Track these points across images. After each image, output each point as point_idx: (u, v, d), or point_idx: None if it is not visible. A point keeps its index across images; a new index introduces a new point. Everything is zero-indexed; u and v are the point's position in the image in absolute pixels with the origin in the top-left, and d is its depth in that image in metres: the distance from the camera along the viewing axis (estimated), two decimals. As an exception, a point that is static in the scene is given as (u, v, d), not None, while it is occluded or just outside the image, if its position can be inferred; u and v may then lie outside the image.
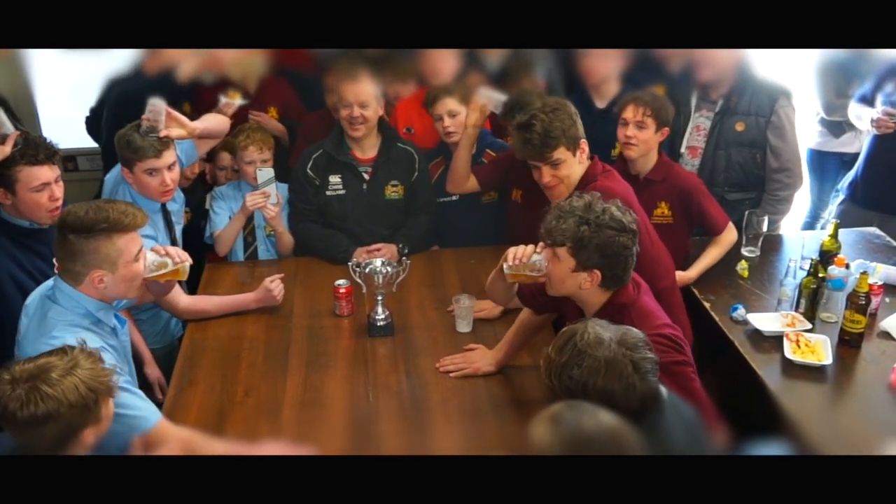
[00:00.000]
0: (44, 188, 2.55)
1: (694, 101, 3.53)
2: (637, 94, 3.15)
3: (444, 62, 3.56)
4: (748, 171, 3.47)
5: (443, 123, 3.35)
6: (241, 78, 3.58)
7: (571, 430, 1.64)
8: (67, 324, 2.16)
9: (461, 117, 3.31)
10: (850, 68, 3.82)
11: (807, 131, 4.25)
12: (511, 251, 2.34)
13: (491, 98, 3.13)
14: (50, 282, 2.28)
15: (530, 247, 2.32)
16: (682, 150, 3.53)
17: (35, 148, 2.53)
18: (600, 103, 3.54)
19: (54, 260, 2.32)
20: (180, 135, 2.91)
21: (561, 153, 2.70)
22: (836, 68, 3.92)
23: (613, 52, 3.45)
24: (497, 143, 3.49)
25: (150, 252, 2.35)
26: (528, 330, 2.63)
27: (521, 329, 2.64)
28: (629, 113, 3.09)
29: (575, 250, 2.18)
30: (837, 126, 4.15)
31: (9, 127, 2.55)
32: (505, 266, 2.34)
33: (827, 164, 4.29)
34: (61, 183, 2.61)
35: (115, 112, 3.57)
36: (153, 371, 2.96)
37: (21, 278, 2.57)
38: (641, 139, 3.05)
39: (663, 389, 1.96)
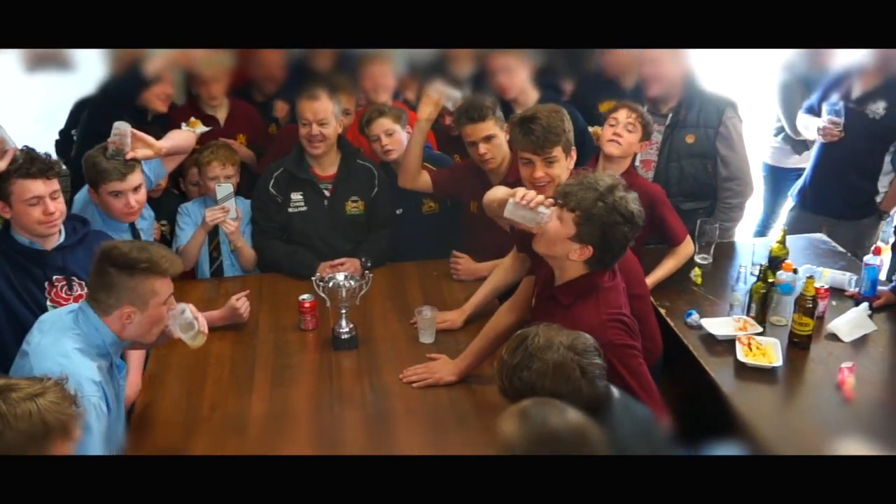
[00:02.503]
0: (37, 202, 2.56)
1: None
2: (627, 101, 3.25)
3: (385, 77, 3.69)
4: (700, 181, 3.57)
5: (381, 143, 3.43)
6: (210, 74, 3.68)
7: (538, 425, 1.68)
8: (80, 349, 2.19)
9: (398, 135, 3.40)
10: (814, 87, 3.92)
11: (761, 147, 4.37)
12: (522, 190, 2.35)
13: (444, 93, 3.18)
14: (73, 305, 2.32)
15: (542, 196, 2.33)
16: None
17: (30, 162, 2.55)
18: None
19: (46, 284, 2.40)
20: (147, 155, 2.93)
21: (558, 152, 2.74)
22: (801, 88, 4.02)
23: (520, 65, 3.56)
24: (434, 154, 3.57)
25: (188, 308, 2.36)
26: (493, 341, 2.66)
27: (486, 340, 2.68)
28: (622, 115, 3.17)
29: (581, 221, 2.22)
30: (801, 144, 4.23)
31: (10, 143, 2.57)
32: (511, 201, 2.33)
33: (784, 179, 4.36)
34: (60, 199, 2.62)
35: (85, 131, 3.60)
36: None
37: (9, 297, 2.59)
38: (627, 141, 3.12)
39: (615, 391, 2.03)
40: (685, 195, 3.57)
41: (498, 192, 2.61)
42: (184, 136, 3.23)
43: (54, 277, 2.66)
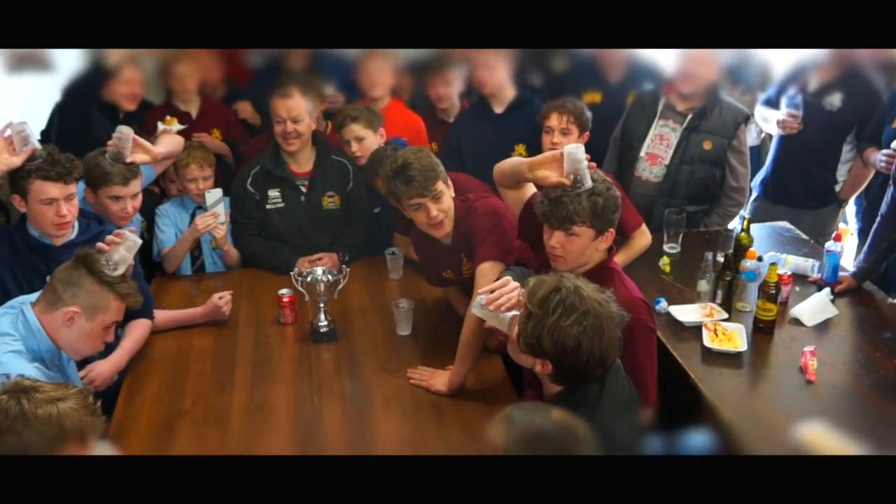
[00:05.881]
0: (51, 203, 2.59)
1: (659, 109, 3.63)
2: (556, 102, 3.29)
3: (382, 74, 3.76)
4: (706, 186, 3.60)
5: (350, 148, 3.47)
6: (181, 71, 3.74)
7: (524, 426, 1.71)
8: (16, 351, 2.21)
9: (368, 141, 3.44)
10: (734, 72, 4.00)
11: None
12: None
13: None
14: (12, 303, 2.35)
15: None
16: (642, 154, 3.64)
17: (51, 165, 2.58)
18: (498, 108, 3.71)
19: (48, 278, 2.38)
20: (144, 160, 2.99)
21: (440, 186, 2.75)
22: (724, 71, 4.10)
23: (500, 62, 3.63)
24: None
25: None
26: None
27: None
28: (553, 121, 3.24)
29: (593, 222, 2.30)
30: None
31: (32, 141, 2.61)
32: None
33: None
34: (75, 202, 2.66)
35: (59, 129, 3.63)
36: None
37: (12, 290, 2.61)
38: (564, 145, 3.16)
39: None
40: (690, 198, 3.60)
41: (506, 164, 2.63)
42: (175, 140, 3.29)
43: None
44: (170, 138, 3.26)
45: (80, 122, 3.14)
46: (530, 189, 2.63)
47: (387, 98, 3.82)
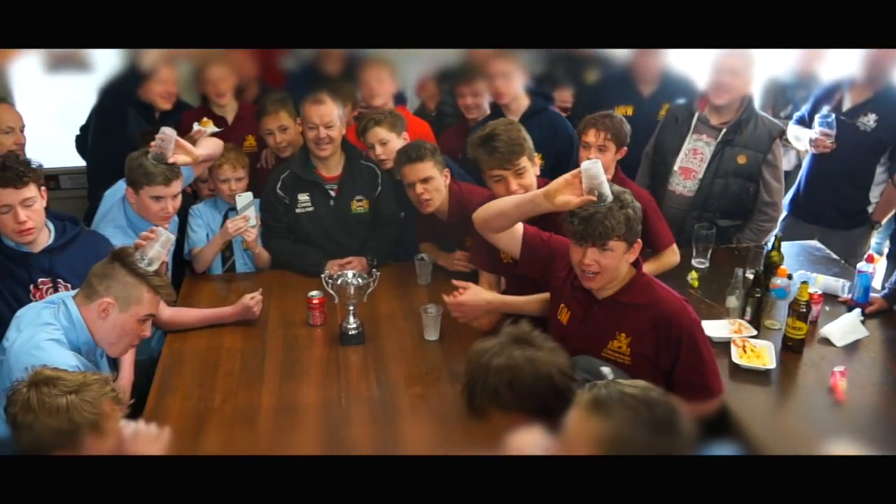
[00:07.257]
0: (7, 210, 2.56)
1: (693, 123, 3.63)
2: (595, 118, 3.29)
3: (381, 83, 3.80)
4: (740, 201, 3.59)
5: (375, 152, 3.49)
6: (214, 74, 3.78)
7: (626, 401, 1.63)
8: (56, 339, 2.25)
9: (392, 144, 3.46)
10: (790, 92, 4.02)
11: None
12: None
13: None
14: (53, 297, 2.39)
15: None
16: (675, 168, 3.64)
17: (1, 170, 2.53)
18: (513, 118, 3.68)
19: (31, 287, 2.41)
20: (185, 161, 3.05)
21: (525, 162, 2.79)
22: (779, 90, 4.12)
23: (517, 71, 3.67)
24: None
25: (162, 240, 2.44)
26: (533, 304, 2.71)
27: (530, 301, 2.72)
28: (591, 137, 3.24)
29: (625, 234, 2.31)
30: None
31: None
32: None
33: None
34: (36, 207, 2.60)
35: (96, 126, 3.68)
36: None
37: None
38: (604, 161, 3.15)
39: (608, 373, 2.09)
40: (723, 212, 3.60)
41: (492, 206, 2.65)
42: (215, 144, 3.34)
43: (39, 280, 2.67)
44: (210, 141, 3.31)
45: (116, 121, 3.18)
46: (520, 227, 2.65)
47: (390, 106, 3.84)
